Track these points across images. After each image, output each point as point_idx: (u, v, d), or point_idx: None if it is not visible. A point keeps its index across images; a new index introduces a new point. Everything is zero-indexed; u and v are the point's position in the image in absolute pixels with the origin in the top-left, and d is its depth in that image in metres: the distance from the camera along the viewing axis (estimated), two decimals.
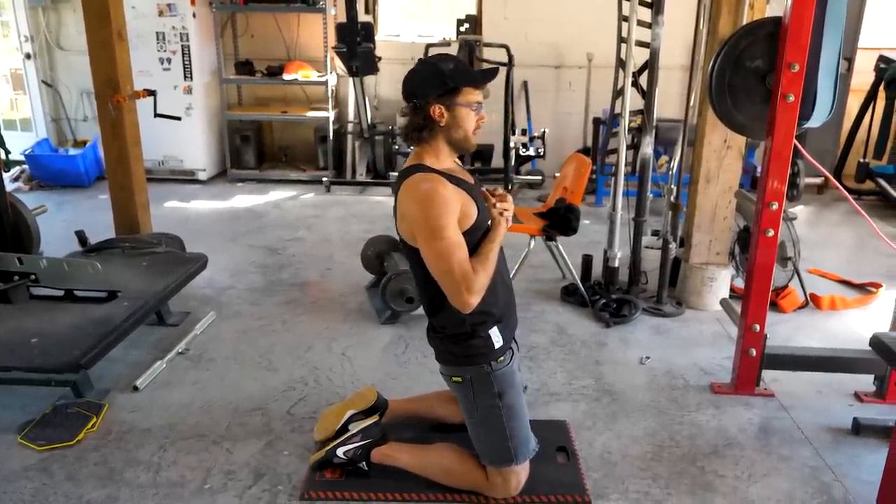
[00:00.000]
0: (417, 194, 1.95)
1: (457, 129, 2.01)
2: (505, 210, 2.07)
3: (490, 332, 2.07)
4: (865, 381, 2.84)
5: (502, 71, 5.55)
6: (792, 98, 2.40)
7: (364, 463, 2.25)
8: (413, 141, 2.06)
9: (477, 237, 2.03)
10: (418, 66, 2.04)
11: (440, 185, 1.95)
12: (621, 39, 3.65)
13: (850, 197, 2.75)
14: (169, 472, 2.28)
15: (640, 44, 3.50)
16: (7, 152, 3.52)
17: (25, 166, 5.92)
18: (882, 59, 5.27)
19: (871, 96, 5.42)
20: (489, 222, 2.07)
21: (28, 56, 6.26)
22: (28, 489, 2.19)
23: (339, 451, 2.24)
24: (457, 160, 2.18)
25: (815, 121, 2.52)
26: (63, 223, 4.63)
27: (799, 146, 2.56)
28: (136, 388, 2.75)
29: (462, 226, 1.97)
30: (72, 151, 6.00)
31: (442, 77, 1.96)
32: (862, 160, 5.36)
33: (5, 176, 3.87)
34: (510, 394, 2.11)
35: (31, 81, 6.35)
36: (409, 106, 2.02)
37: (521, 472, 2.16)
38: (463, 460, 2.20)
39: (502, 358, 2.11)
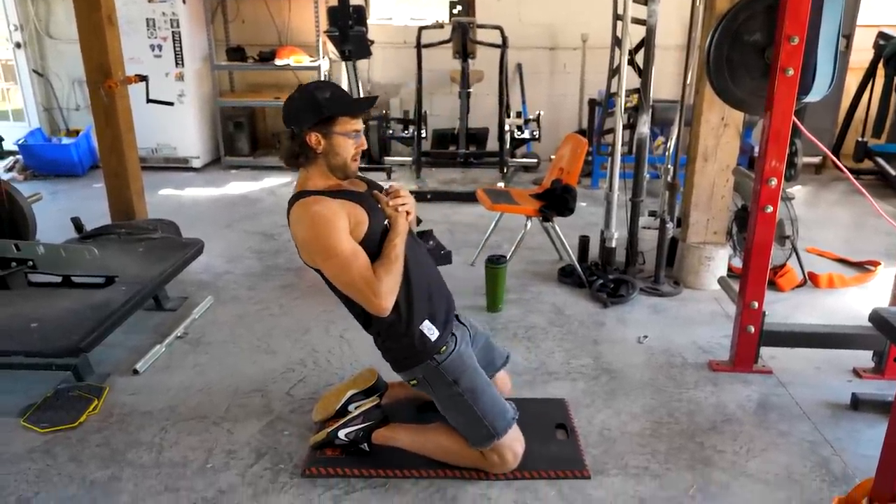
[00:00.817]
0: (303, 220, 2.01)
1: (334, 157, 2.06)
2: (400, 204, 2.11)
3: (422, 327, 2.10)
4: (864, 358, 2.85)
5: (496, 53, 5.54)
6: (791, 71, 2.39)
7: (365, 444, 2.25)
8: (292, 166, 2.11)
9: (377, 241, 2.07)
10: (295, 94, 2.07)
11: (321, 205, 1.99)
12: (617, 17, 3.63)
13: (849, 174, 2.75)
14: (171, 452, 2.29)
15: (637, 21, 3.48)
16: (0, 139, 3.49)
17: (19, 156, 5.88)
18: (881, 35, 5.23)
19: (869, 74, 5.39)
20: (386, 222, 2.10)
21: (18, 45, 6.20)
22: (32, 470, 2.19)
23: (341, 434, 2.25)
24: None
25: (815, 94, 2.51)
26: (58, 212, 4.61)
27: (797, 123, 2.55)
28: (136, 372, 2.76)
29: (356, 235, 2.02)
30: (65, 141, 5.97)
31: (318, 106, 2.00)
32: (860, 139, 5.34)
33: (0, 165, 3.86)
34: (465, 377, 2.13)
35: (22, 71, 6.30)
36: (287, 132, 2.06)
37: (513, 444, 2.16)
38: (461, 440, 2.20)
39: (444, 348, 2.13)
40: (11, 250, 3.11)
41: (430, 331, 2.11)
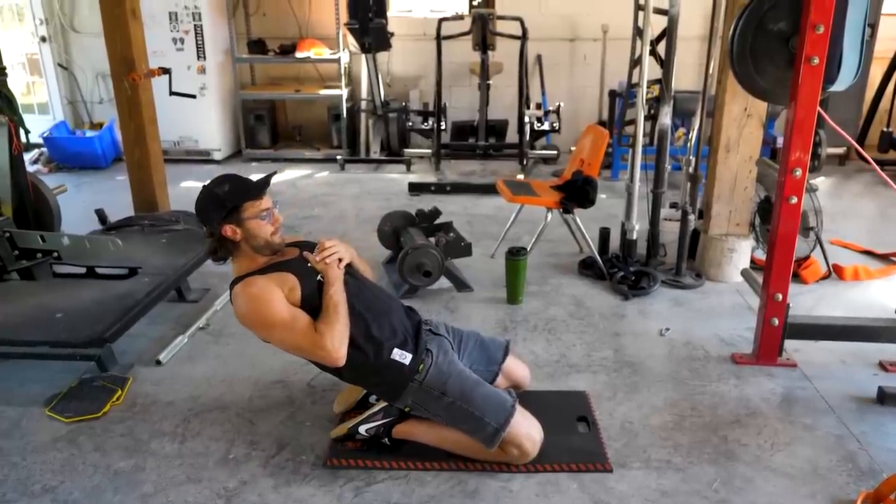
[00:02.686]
0: (240, 302, 2.09)
1: (254, 239, 2.13)
2: (328, 256, 2.16)
3: (393, 356, 2.13)
4: (890, 351, 2.81)
5: (516, 44, 5.51)
6: (817, 61, 2.35)
7: (386, 439, 2.26)
8: (219, 261, 2.21)
9: (316, 298, 2.11)
10: (199, 196, 2.14)
11: (252, 285, 2.07)
12: (638, 7, 3.59)
13: (874, 164, 2.70)
14: (193, 442, 2.31)
15: (658, 11, 3.44)
16: (27, 132, 3.54)
17: (44, 149, 5.97)
18: None
19: (894, 64, 5.29)
20: (319, 277, 2.15)
21: (43, 39, 6.28)
22: (58, 459, 2.23)
23: (361, 429, 2.25)
24: None
25: (841, 84, 2.46)
26: (82, 203, 4.67)
27: (822, 112, 2.50)
28: (158, 363, 2.79)
29: (293, 300, 2.08)
30: (88, 133, 6.05)
31: (220, 201, 2.09)
32: (885, 129, 5.25)
33: (25, 158, 3.91)
34: (450, 384, 2.14)
35: (47, 65, 6.38)
36: (206, 232, 2.17)
37: (530, 431, 2.14)
38: None
39: (421, 366, 2.15)
40: (37, 241, 3.16)
41: (403, 357, 2.14)
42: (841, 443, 2.32)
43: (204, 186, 2.15)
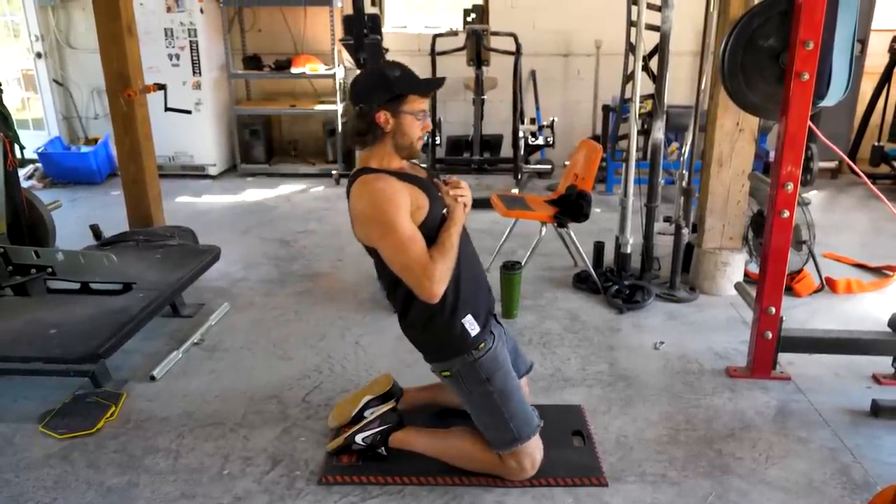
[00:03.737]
0: (366, 194, 1.99)
1: (402, 136, 2.05)
2: (460, 195, 2.10)
3: (464, 321, 2.09)
4: (883, 364, 2.82)
5: (510, 60, 5.55)
6: (807, 76, 2.38)
7: (382, 448, 2.26)
8: (358, 145, 2.10)
9: (434, 227, 2.05)
10: (366, 72, 2.08)
11: (386, 182, 1.98)
12: (631, 23, 3.63)
13: (866, 178, 2.73)
14: (188, 458, 2.30)
15: (651, 27, 3.48)
16: (22, 148, 3.54)
17: (39, 164, 5.97)
18: None
19: (885, 78, 5.37)
20: (444, 210, 2.09)
21: (39, 55, 6.29)
22: (50, 476, 2.21)
23: (358, 438, 2.25)
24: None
25: (831, 99, 2.49)
26: (77, 219, 4.66)
27: (813, 127, 2.53)
28: (153, 378, 2.78)
29: (416, 219, 2.00)
30: (84, 149, 6.04)
31: (388, 84, 2.00)
32: (877, 143, 5.31)
33: (20, 173, 3.91)
34: (498, 376, 2.12)
35: (43, 80, 6.38)
36: (355, 111, 2.05)
37: (533, 452, 2.15)
38: (479, 444, 2.20)
39: (483, 344, 2.12)
40: (31, 257, 3.15)
41: (472, 325, 2.09)
42: (835, 456, 2.33)
43: (370, 66, 2.08)
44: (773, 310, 2.69)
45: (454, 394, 2.22)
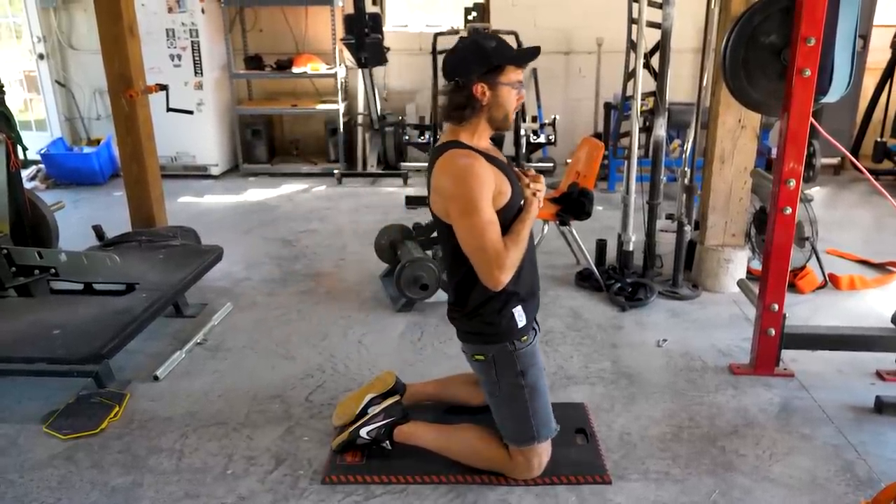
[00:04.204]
0: (454, 169, 1.94)
1: (498, 108, 2.00)
2: (538, 191, 2.07)
3: (514, 310, 2.07)
4: (887, 360, 2.81)
5: None
6: (808, 73, 2.38)
7: (387, 442, 2.26)
8: (454, 120, 2.02)
9: (510, 216, 2.02)
10: (460, 45, 2.01)
11: (477, 161, 1.94)
12: (632, 20, 3.62)
13: (868, 175, 2.72)
14: (191, 458, 2.31)
15: (652, 24, 3.47)
16: (24, 149, 3.55)
17: (41, 165, 5.98)
18: None
19: (887, 74, 5.36)
20: (522, 202, 2.06)
21: (41, 56, 6.31)
22: (54, 476, 2.22)
23: (363, 432, 2.26)
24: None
25: (833, 95, 2.49)
26: (80, 219, 4.67)
27: (815, 124, 2.53)
28: (156, 378, 2.78)
29: (496, 203, 1.97)
30: (86, 150, 6.05)
31: (486, 55, 1.94)
32: (879, 139, 5.29)
33: (23, 174, 3.92)
34: (532, 372, 2.11)
35: (45, 81, 6.40)
36: (451, 85, 1.99)
37: (542, 453, 2.16)
38: (485, 439, 2.21)
39: (525, 337, 2.11)
40: (34, 258, 3.16)
41: (520, 316, 2.08)
42: (839, 452, 2.32)
43: (464, 38, 1.99)
44: (776, 306, 2.69)
45: (478, 380, 2.21)
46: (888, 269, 3.89)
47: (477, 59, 1.95)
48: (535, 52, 2.05)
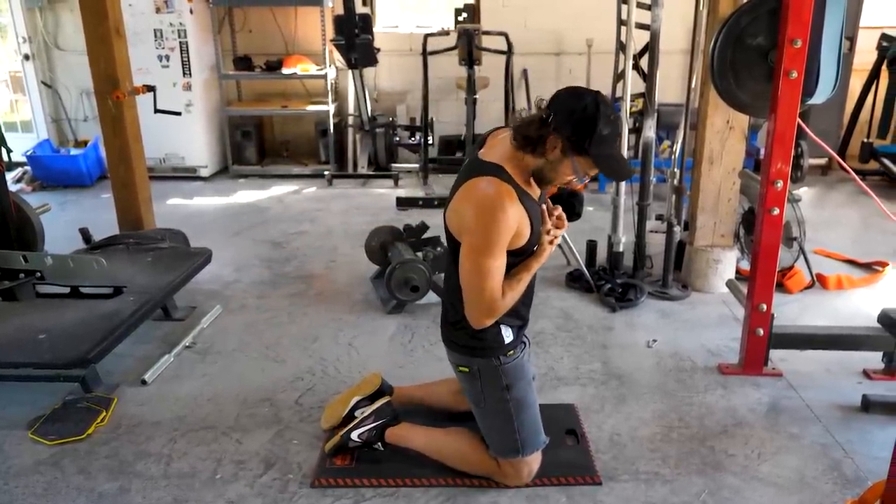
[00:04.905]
0: (483, 200, 1.84)
1: (549, 171, 1.90)
2: (555, 237, 2.01)
3: (501, 326, 2.05)
4: (874, 359, 2.83)
5: (502, 59, 5.55)
6: (795, 74, 2.39)
7: (379, 444, 2.25)
8: (516, 143, 1.89)
9: (518, 259, 1.97)
10: (588, 97, 1.83)
11: (508, 201, 1.83)
12: (621, 22, 3.63)
13: (854, 175, 2.73)
14: (180, 463, 2.29)
15: (640, 26, 3.48)
16: (9, 151, 3.52)
17: (27, 167, 5.93)
18: (884, 37, 5.24)
19: (873, 75, 5.39)
20: (535, 247, 1.99)
21: (27, 57, 6.25)
22: (40, 483, 2.19)
23: (354, 435, 2.25)
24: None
25: (820, 97, 2.50)
26: (66, 222, 4.63)
27: (802, 125, 2.54)
28: (144, 382, 2.76)
29: (512, 245, 1.90)
30: (73, 151, 6.00)
31: (588, 132, 1.80)
32: (866, 140, 5.33)
33: (8, 176, 3.89)
34: (519, 386, 2.10)
35: (31, 82, 6.34)
36: (542, 114, 1.85)
37: (532, 462, 2.15)
38: (476, 446, 2.20)
39: (512, 352, 2.09)
40: (20, 261, 3.13)
41: (508, 334, 2.06)
42: (827, 451, 2.34)
43: (597, 96, 1.83)
44: (765, 306, 2.70)
45: (463, 391, 2.20)
46: (875, 268, 3.91)
47: (581, 125, 1.81)
48: (627, 173, 1.99)
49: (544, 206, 2.00)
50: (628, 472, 2.24)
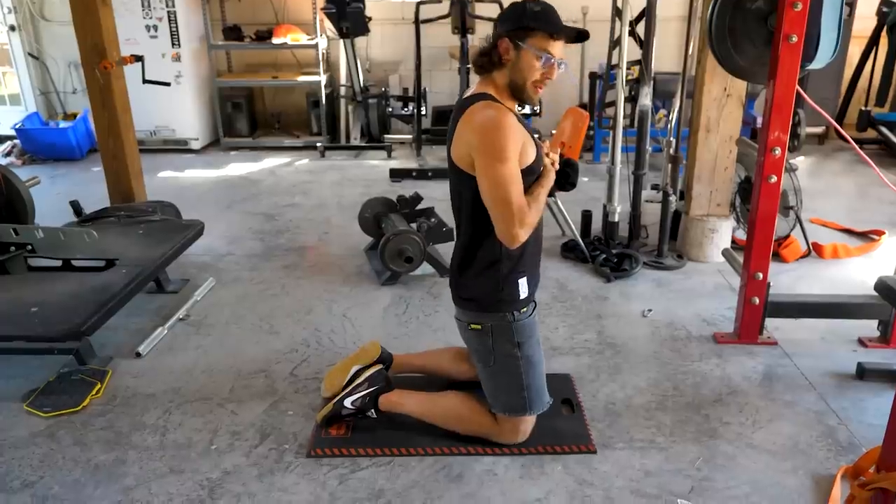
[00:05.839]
0: (484, 119, 1.89)
1: (517, 73, 1.94)
2: (554, 161, 2.06)
3: (519, 280, 2.05)
4: (869, 327, 2.84)
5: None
6: (795, 38, 2.35)
7: (373, 411, 2.25)
8: (477, 69, 2.01)
9: (531, 179, 1.99)
10: (512, 3, 1.98)
11: (507, 115, 1.90)
12: None
13: (853, 143, 2.71)
14: (175, 434, 2.29)
15: None
16: None
17: (17, 141, 5.85)
18: (884, 2, 5.15)
19: (872, 42, 5.31)
20: (541, 168, 2.03)
21: (13, 28, 6.14)
22: (36, 455, 2.19)
23: (347, 402, 2.25)
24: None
25: (819, 62, 2.46)
26: (57, 196, 4.58)
27: (801, 91, 2.51)
28: (138, 355, 2.75)
29: (521, 162, 1.92)
30: (62, 124, 5.93)
31: (521, 14, 1.91)
32: (864, 108, 5.28)
33: None
34: (529, 344, 2.11)
35: (18, 54, 6.23)
36: (491, 35, 1.98)
37: (531, 419, 2.18)
38: (471, 405, 2.21)
39: (525, 309, 2.10)
40: (10, 235, 3.09)
41: (524, 288, 2.07)
42: (821, 419, 2.35)
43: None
44: (760, 275, 2.70)
45: (471, 350, 2.19)
46: (871, 237, 3.91)
47: (513, 15, 1.93)
48: (578, 31, 1.98)
49: (535, 136, 2.04)
50: (623, 440, 2.25)
